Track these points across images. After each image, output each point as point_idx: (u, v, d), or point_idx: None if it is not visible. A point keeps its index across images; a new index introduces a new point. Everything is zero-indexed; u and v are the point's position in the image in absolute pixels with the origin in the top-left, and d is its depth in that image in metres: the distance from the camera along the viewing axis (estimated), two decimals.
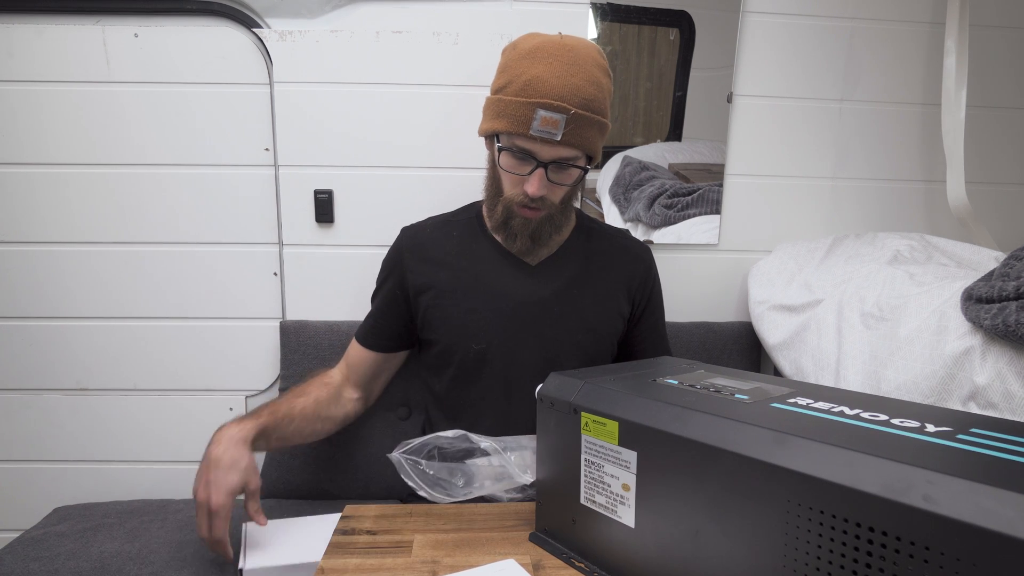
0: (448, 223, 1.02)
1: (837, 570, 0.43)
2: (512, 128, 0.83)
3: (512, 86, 0.84)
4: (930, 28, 1.29)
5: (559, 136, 0.82)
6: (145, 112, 1.20)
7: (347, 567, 0.64)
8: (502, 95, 0.85)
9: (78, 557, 1.01)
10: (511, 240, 0.93)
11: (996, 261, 1.01)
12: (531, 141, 0.83)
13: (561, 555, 0.66)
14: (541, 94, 0.81)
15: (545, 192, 0.87)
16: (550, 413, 0.66)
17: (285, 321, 1.27)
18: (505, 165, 0.88)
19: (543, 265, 0.97)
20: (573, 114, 0.81)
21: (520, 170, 0.87)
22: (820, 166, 1.33)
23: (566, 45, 0.84)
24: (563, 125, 0.82)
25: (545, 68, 0.82)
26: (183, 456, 1.31)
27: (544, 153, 0.84)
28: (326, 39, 1.19)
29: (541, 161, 0.84)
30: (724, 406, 0.55)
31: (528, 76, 0.82)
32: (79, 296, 1.25)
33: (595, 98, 0.84)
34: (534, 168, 0.85)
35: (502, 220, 0.92)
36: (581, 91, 0.82)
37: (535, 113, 0.81)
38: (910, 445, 0.44)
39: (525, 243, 0.92)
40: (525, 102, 0.82)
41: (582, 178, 0.92)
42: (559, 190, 0.90)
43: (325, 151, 1.23)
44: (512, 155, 0.86)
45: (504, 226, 0.92)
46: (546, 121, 0.81)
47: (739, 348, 1.32)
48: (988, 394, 0.78)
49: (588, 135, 0.85)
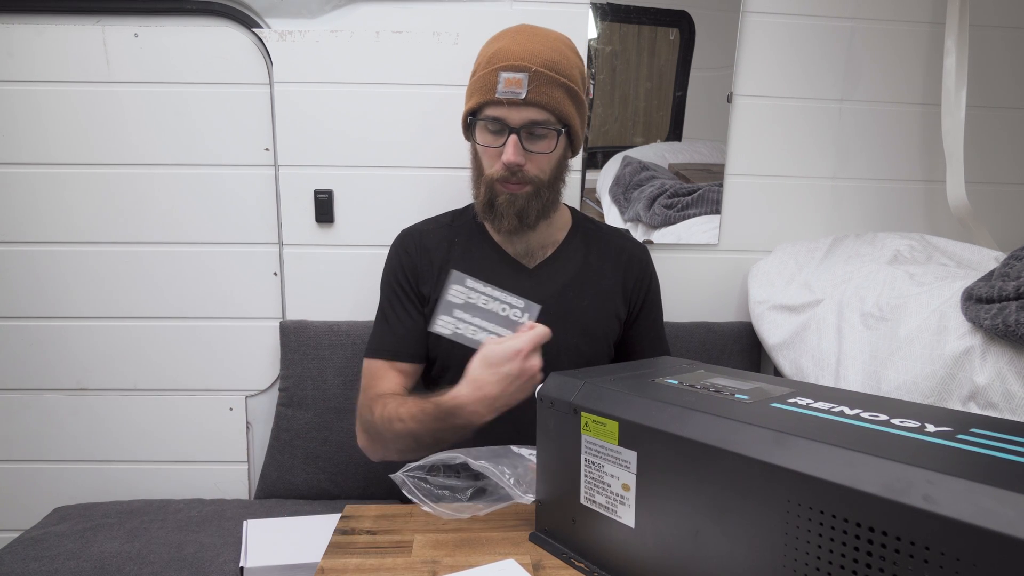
0: (449, 227, 1.01)
1: (837, 570, 0.43)
2: (480, 97, 0.86)
3: (479, 66, 0.89)
4: (930, 28, 1.29)
5: (523, 94, 0.84)
6: (145, 112, 1.20)
7: (347, 567, 0.64)
8: (472, 78, 0.90)
9: (78, 557, 1.01)
10: (498, 221, 0.91)
11: (996, 261, 1.01)
12: (499, 107, 0.85)
13: (561, 555, 0.66)
14: (503, 59, 0.85)
15: (522, 160, 0.86)
16: (550, 413, 0.66)
17: (285, 321, 1.27)
18: (481, 140, 0.89)
19: (540, 267, 0.97)
20: (535, 72, 0.84)
21: (496, 142, 0.88)
22: (820, 166, 1.33)
23: (532, 26, 0.91)
24: (526, 83, 0.84)
25: (508, 41, 0.87)
26: (183, 456, 1.31)
27: (513, 117, 0.85)
28: (326, 39, 1.19)
29: (512, 127, 0.85)
30: (724, 406, 0.55)
31: (492, 50, 0.87)
32: (79, 296, 1.25)
33: (558, 61, 0.86)
34: (507, 136, 0.86)
35: (486, 201, 0.91)
36: (542, 54, 0.85)
37: (498, 76, 0.84)
38: (910, 445, 0.44)
39: (512, 222, 0.90)
40: (489, 71, 0.86)
41: (564, 151, 0.92)
42: (539, 160, 0.89)
43: (325, 151, 1.23)
44: (485, 129, 0.88)
45: (489, 208, 0.91)
46: (509, 82, 0.84)
47: (739, 348, 1.32)
48: (988, 394, 0.78)
49: (554, 94, 0.86)
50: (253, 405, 1.31)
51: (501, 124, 0.86)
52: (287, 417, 1.24)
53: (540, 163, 0.89)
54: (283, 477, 1.24)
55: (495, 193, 0.90)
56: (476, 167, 0.93)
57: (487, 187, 0.90)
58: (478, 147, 0.90)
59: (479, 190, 0.92)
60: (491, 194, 0.90)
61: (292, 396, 1.24)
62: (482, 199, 0.91)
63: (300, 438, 1.23)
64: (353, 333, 1.24)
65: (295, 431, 1.23)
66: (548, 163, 0.90)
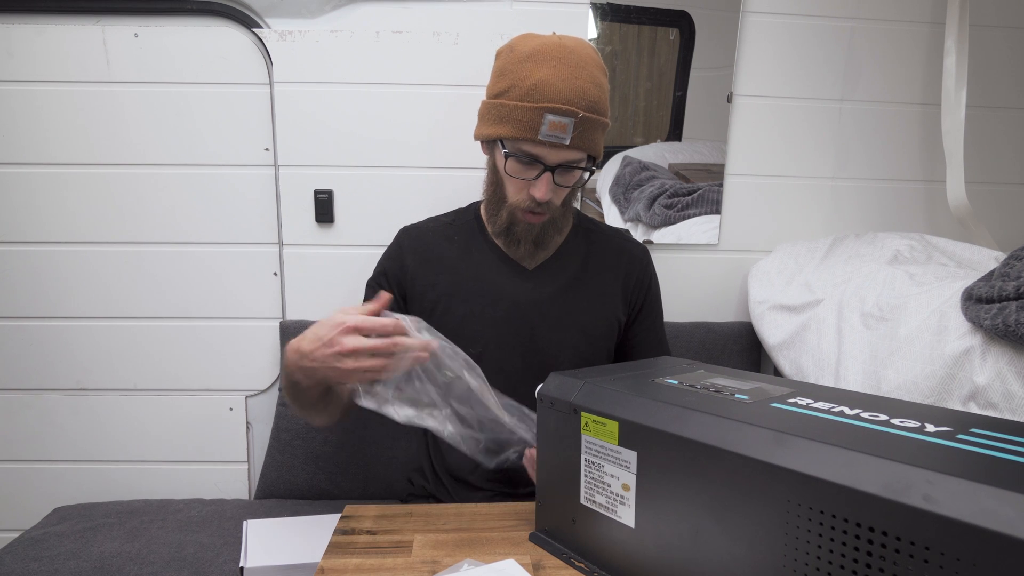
0: (449, 225, 1.01)
1: (837, 570, 0.43)
2: (519, 133, 0.82)
3: (516, 91, 0.83)
4: (930, 28, 1.29)
5: (568, 140, 0.82)
6: (145, 112, 1.20)
7: (347, 567, 0.64)
8: (504, 100, 0.85)
9: (78, 557, 1.01)
10: (514, 246, 0.93)
11: (996, 261, 1.01)
12: (538, 146, 0.83)
13: (561, 555, 0.66)
14: (548, 98, 0.81)
15: (551, 196, 0.87)
16: (550, 413, 0.66)
17: (285, 321, 1.27)
18: (511, 171, 0.87)
19: (540, 268, 0.97)
20: (581, 117, 0.81)
21: (526, 175, 0.86)
22: (820, 166, 1.33)
23: (566, 47, 0.84)
24: (571, 129, 0.81)
25: (550, 71, 0.81)
26: (183, 456, 1.31)
27: (551, 157, 0.83)
28: (326, 39, 1.19)
29: (548, 165, 0.84)
30: (724, 406, 0.55)
31: (533, 80, 0.82)
32: (79, 296, 1.25)
33: (599, 99, 0.84)
34: (541, 172, 0.85)
35: (505, 226, 0.91)
36: (587, 93, 0.82)
37: (543, 118, 0.81)
38: (910, 445, 0.44)
39: (528, 248, 0.92)
40: (532, 107, 0.81)
41: (585, 179, 0.92)
42: (563, 192, 0.90)
43: (325, 151, 1.23)
44: (518, 160, 0.86)
45: (507, 232, 0.92)
46: (555, 126, 0.81)
47: (739, 348, 1.32)
48: (988, 394, 0.78)
49: (594, 137, 0.85)
50: (253, 405, 1.31)
51: (536, 160, 0.85)
52: (287, 417, 1.24)
53: (563, 194, 0.90)
54: (283, 477, 1.24)
55: (515, 221, 0.90)
56: (495, 188, 0.92)
57: (509, 214, 0.90)
58: (505, 175, 0.89)
59: (499, 214, 0.92)
60: (511, 221, 0.90)
61: None
62: (502, 223, 0.91)
63: (300, 438, 1.23)
64: None
65: (295, 431, 1.23)
66: (569, 192, 0.91)
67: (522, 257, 0.96)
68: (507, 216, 0.90)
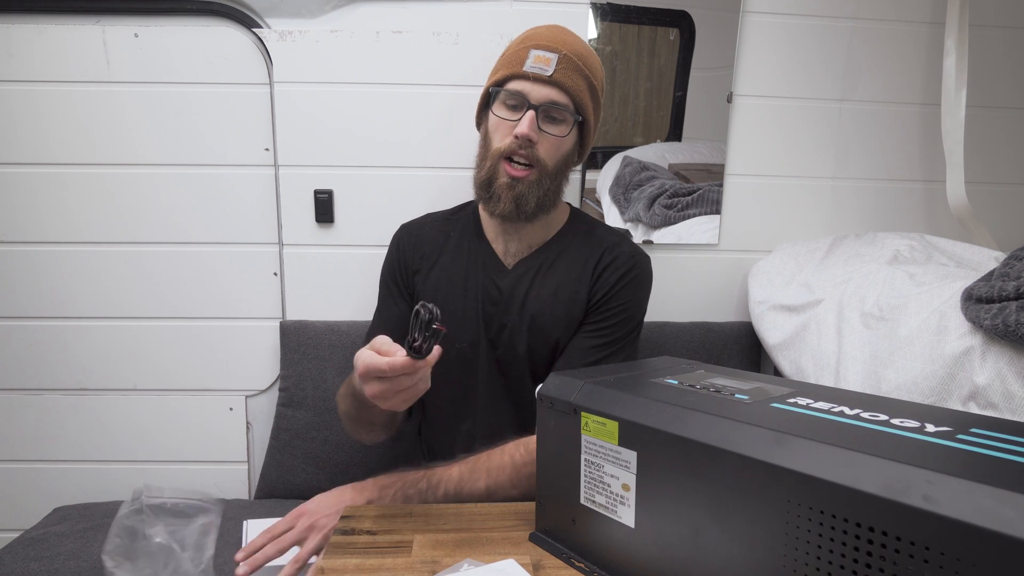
0: (447, 220, 1.02)
1: (837, 570, 0.43)
2: (507, 70, 0.88)
3: (509, 47, 0.92)
4: (930, 28, 1.29)
5: (550, 71, 0.85)
6: (145, 112, 1.20)
7: (347, 567, 0.64)
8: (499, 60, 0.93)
9: (78, 557, 1.01)
10: (494, 203, 0.89)
11: (996, 261, 1.01)
12: (524, 82, 0.86)
13: (561, 555, 0.66)
14: (534, 39, 0.88)
15: (535, 135, 0.85)
16: (550, 413, 0.66)
17: (285, 321, 1.27)
18: (497, 112, 0.89)
19: (517, 266, 0.96)
20: (564, 55, 0.86)
21: (512, 116, 0.88)
22: (820, 166, 1.33)
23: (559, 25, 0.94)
24: (555, 64, 0.86)
25: (541, 29, 0.92)
26: (183, 456, 1.31)
27: (536, 94, 0.86)
28: (326, 39, 1.19)
29: (532, 104, 0.86)
30: (724, 406, 0.55)
31: (526, 35, 0.91)
32: (79, 296, 1.25)
33: (586, 55, 0.89)
34: (525, 111, 0.86)
35: (487, 178, 0.89)
36: (573, 44, 0.88)
37: (528, 53, 0.87)
38: (910, 445, 0.44)
39: (508, 206, 0.88)
40: (520, 47, 0.88)
41: (575, 146, 0.92)
42: (550, 143, 0.87)
43: (325, 151, 1.23)
44: (505, 101, 0.89)
45: (487, 186, 0.89)
46: (539, 59, 0.86)
47: (739, 348, 1.32)
48: (988, 394, 0.78)
49: (578, 82, 0.87)
50: (253, 405, 1.31)
51: (522, 98, 0.86)
52: (287, 417, 1.24)
53: (550, 147, 0.88)
54: (283, 477, 1.24)
55: (497, 173, 0.88)
56: (484, 146, 0.92)
57: (492, 163, 0.88)
58: (493, 119, 0.89)
59: (482, 167, 0.90)
60: (493, 172, 0.88)
61: (292, 396, 1.24)
62: (483, 176, 0.90)
63: (300, 438, 1.23)
64: (353, 333, 1.24)
65: (295, 431, 1.23)
66: (557, 150, 0.89)
67: (506, 252, 0.96)
68: (490, 167, 0.89)
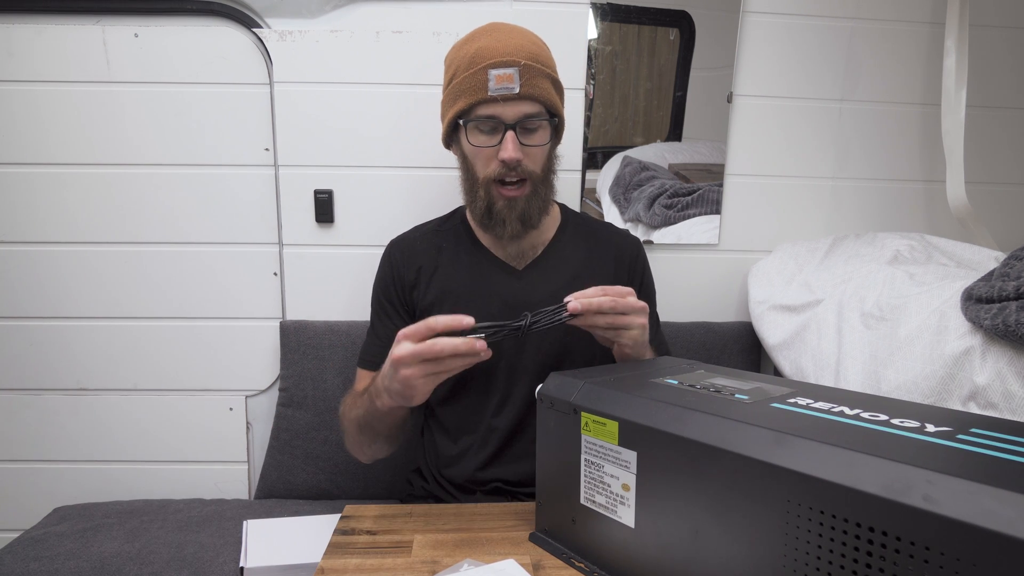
0: (436, 232, 1.00)
1: (837, 570, 0.43)
2: (471, 98, 0.84)
3: (459, 68, 0.86)
4: (930, 28, 1.29)
5: (516, 88, 0.83)
6: (145, 112, 1.20)
7: (347, 567, 0.64)
8: (452, 82, 0.87)
9: (78, 557, 1.01)
10: (500, 228, 0.90)
11: (996, 261, 1.01)
12: (491, 104, 0.84)
13: (561, 555, 0.66)
14: (488, 57, 0.83)
15: (521, 155, 0.85)
16: (550, 413, 0.66)
17: (285, 321, 1.27)
18: (474, 141, 0.87)
19: (529, 269, 0.96)
20: (524, 65, 0.83)
21: (490, 142, 0.86)
22: (820, 166, 1.33)
23: (498, 22, 0.89)
24: (518, 78, 0.83)
25: (486, 39, 0.85)
26: (183, 456, 1.31)
27: (507, 113, 0.84)
28: (326, 39, 1.19)
29: (507, 123, 0.84)
30: (724, 406, 0.55)
31: (471, 50, 0.85)
32: (79, 296, 1.25)
33: (540, 54, 0.86)
34: (503, 134, 0.85)
35: (485, 207, 0.89)
36: (525, 48, 0.85)
37: (487, 74, 0.83)
38: (910, 445, 0.44)
39: (515, 227, 0.89)
40: (476, 70, 0.84)
41: (554, 143, 0.91)
42: (534, 154, 0.87)
43: (325, 151, 1.23)
44: (478, 128, 0.86)
45: (488, 214, 0.89)
46: (501, 78, 0.83)
47: (739, 348, 1.32)
48: (988, 394, 0.78)
49: (544, 86, 0.86)
50: (253, 405, 1.31)
51: (496, 122, 0.85)
52: (287, 417, 1.24)
53: (535, 157, 0.88)
54: (283, 477, 1.24)
55: (493, 199, 0.88)
56: (468, 174, 0.91)
57: (484, 191, 0.88)
58: (470, 149, 0.88)
59: (475, 196, 0.90)
60: (489, 199, 0.88)
61: (292, 396, 1.24)
62: (481, 206, 0.89)
63: (300, 438, 1.23)
64: (353, 333, 1.24)
65: (295, 431, 1.23)
66: (542, 156, 0.89)
67: (511, 256, 0.96)
68: (484, 195, 0.88)
